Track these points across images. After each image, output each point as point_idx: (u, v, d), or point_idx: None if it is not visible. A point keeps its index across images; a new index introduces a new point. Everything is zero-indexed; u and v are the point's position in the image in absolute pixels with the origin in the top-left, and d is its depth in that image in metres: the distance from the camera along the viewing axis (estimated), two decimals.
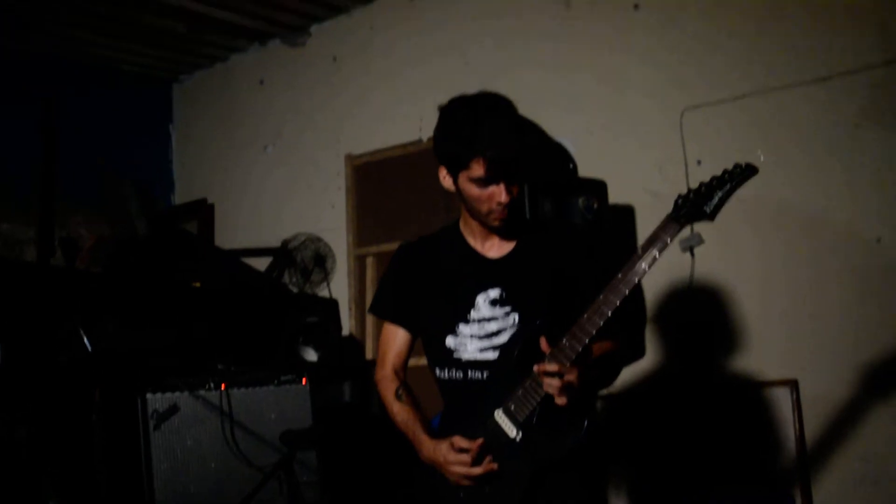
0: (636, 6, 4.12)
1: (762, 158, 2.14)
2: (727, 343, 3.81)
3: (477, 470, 2.28)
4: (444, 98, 4.64)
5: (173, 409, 3.05)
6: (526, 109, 3.78)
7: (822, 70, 3.66)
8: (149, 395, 3.03)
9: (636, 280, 2.16)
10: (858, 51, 3.60)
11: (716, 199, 2.12)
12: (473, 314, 2.39)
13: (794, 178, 3.69)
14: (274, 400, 3.27)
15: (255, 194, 5.41)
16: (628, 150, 4.08)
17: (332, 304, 4.38)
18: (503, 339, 2.36)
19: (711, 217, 2.13)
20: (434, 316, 2.46)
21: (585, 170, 3.80)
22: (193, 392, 3.10)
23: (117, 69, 5.58)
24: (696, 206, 2.13)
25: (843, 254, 3.60)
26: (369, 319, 4.73)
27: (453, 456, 2.29)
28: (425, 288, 2.48)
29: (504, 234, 2.43)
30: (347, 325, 4.73)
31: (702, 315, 3.88)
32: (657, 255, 2.14)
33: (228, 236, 5.35)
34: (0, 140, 4.94)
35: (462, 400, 2.41)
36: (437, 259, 2.50)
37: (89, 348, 2.74)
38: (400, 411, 2.48)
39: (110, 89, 5.56)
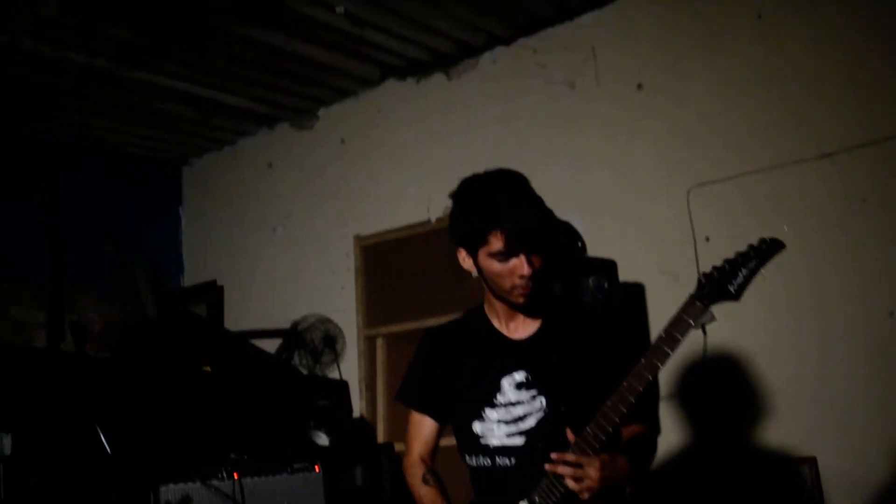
0: (640, 86, 4.18)
1: (787, 231, 2.05)
2: (746, 420, 3.77)
3: None
4: (451, 179, 4.69)
5: (186, 500, 3.01)
6: (534, 187, 3.85)
7: (827, 146, 3.69)
8: (161, 487, 2.99)
9: (660, 365, 2.12)
10: (862, 125, 3.63)
11: (740, 278, 2.05)
12: (500, 398, 2.35)
13: (805, 254, 3.68)
14: (287, 487, 3.23)
15: (265, 276, 5.42)
16: (637, 228, 4.09)
17: (343, 386, 4.36)
18: (530, 423, 2.32)
19: (737, 297, 2.06)
20: (461, 402, 2.43)
21: (595, 250, 3.81)
22: (206, 482, 3.07)
23: (126, 152, 5.65)
24: (720, 285, 2.06)
25: (858, 329, 3.58)
26: (380, 401, 4.70)
27: None
28: (451, 373, 2.46)
29: (529, 313, 2.40)
30: (358, 407, 4.70)
31: (717, 392, 3.84)
32: (680, 339, 2.09)
33: (238, 318, 5.35)
34: (10, 223, 4.98)
35: (490, 488, 2.37)
36: (463, 343, 2.48)
37: (108, 450, 2.71)
38: (427, 494, 2.45)
39: (119, 172, 5.62)
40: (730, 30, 3.99)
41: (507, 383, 2.35)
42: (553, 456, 2.18)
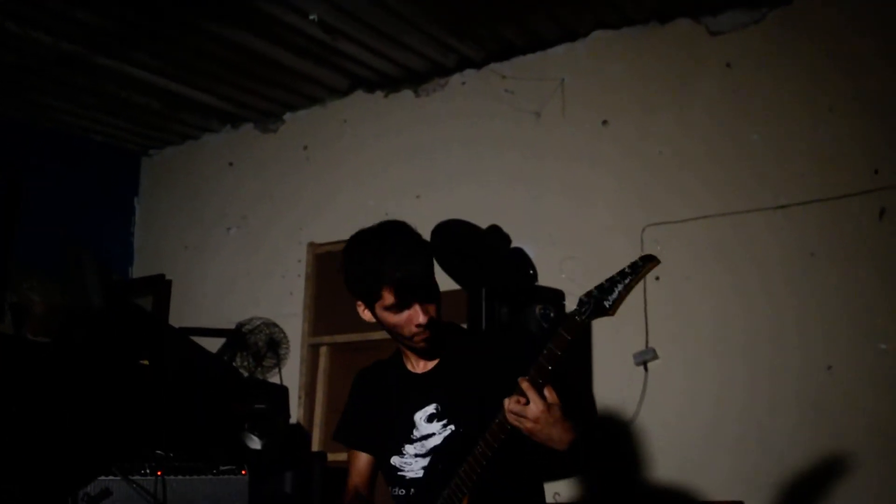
0: (605, 122, 4.22)
1: (659, 249, 2.13)
2: (677, 459, 3.80)
3: None
4: (411, 196, 4.73)
5: (105, 493, 2.96)
6: (490, 215, 3.86)
7: (782, 198, 3.76)
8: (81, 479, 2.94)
9: (541, 381, 2.15)
10: (817, 182, 3.71)
11: (615, 294, 2.12)
12: (415, 433, 2.44)
13: (749, 301, 3.74)
14: (211, 490, 3.18)
15: (215, 274, 5.37)
16: (589, 261, 4.12)
17: (283, 391, 4.30)
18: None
19: (611, 312, 2.13)
20: (381, 438, 2.52)
21: (545, 279, 3.82)
22: (128, 477, 3.01)
23: (87, 138, 5.58)
24: (598, 302, 2.13)
25: (796, 379, 3.63)
26: (319, 410, 4.67)
27: None
28: (374, 412, 2.55)
29: (431, 355, 2.47)
30: (296, 414, 4.66)
31: (653, 430, 3.87)
32: (559, 354, 2.14)
33: (183, 315, 5.28)
34: None
35: None
36: (384, 383, 2.57)
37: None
38: None
39: (77, 157, 5.54)
40: (698, 76, 4.05)
41: (419, 418, 2.45)
42: (519, 379, 2.18)
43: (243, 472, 3.26)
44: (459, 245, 3.70)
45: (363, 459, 2.60)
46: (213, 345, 4.64)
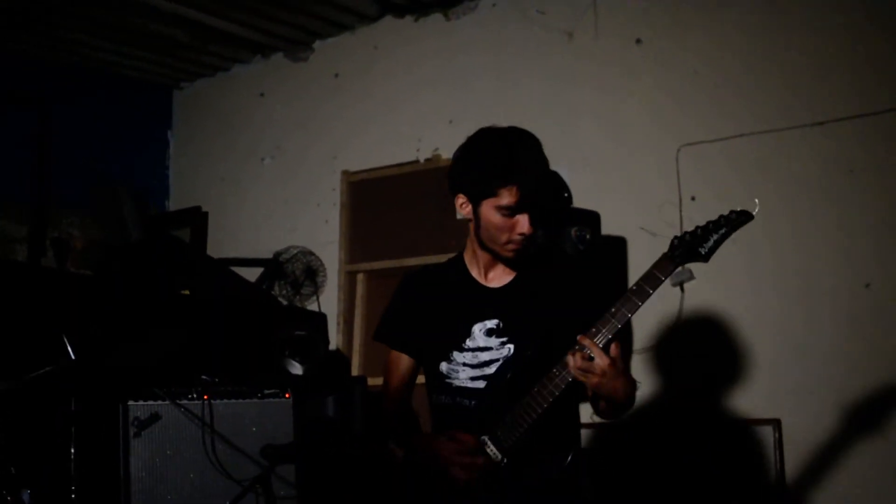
0: (638, 40, 4.16)
1: (758, 205, 2.20)
2: (714, 379, 3.83)
3: (479, 459, 2.30)
4: (442, 122, 4.71)
5: (154, 417, 3.04)
6: None
7: (820, 114, 3.70)
8: (130, 403, 3.02)
9: (628, 315, 2.19)
10: (855, 97, 3.64)
11: (711, 242, 2.19)
12: (468, 343, 2.42)
13: (788, 219, 3.71)
14: (256, 413, 3.26)
15: (250, 205, 5.41)
16: (623, 183, 4.10)
17: (321, 319, 4.38)
18: (494, 369, 2.39)
19: (706, 259, 2.20)
20: (431, 342, 2.50)
21: (580, 201, 3.82)
22: (175, 401, 3.09)
23: (118, 73, 5.58)
24: (691, 247, 2.19)
25: (834, 296, 3.62)
26: (357, 336, 4.73)
27: (452, 445, 2.34)
28: (426, 315, 2.52)
29: (511, 265, 2.45)
30: (335, 340, 4.73)
31: (689, 350, 3.89)
32: (650, 292, 2.19)
33: (221, 246, 5.34)
34: None
35: (450, 425, 2.42)
36: (439, 288, 2.54)
37: (72, 356, 2.73)
38: (399, 425, 2.58)
39: (109, 93, 5.55)
40: None
41: (477, 329, 2.42)
42: (579, 337, 2.20)
43: (287, 396, 3.33)
44: None
45: (405, 363, 2.58)
46: (251, 274, 4.71)
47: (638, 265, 3.94)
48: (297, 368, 3.77)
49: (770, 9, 3.87)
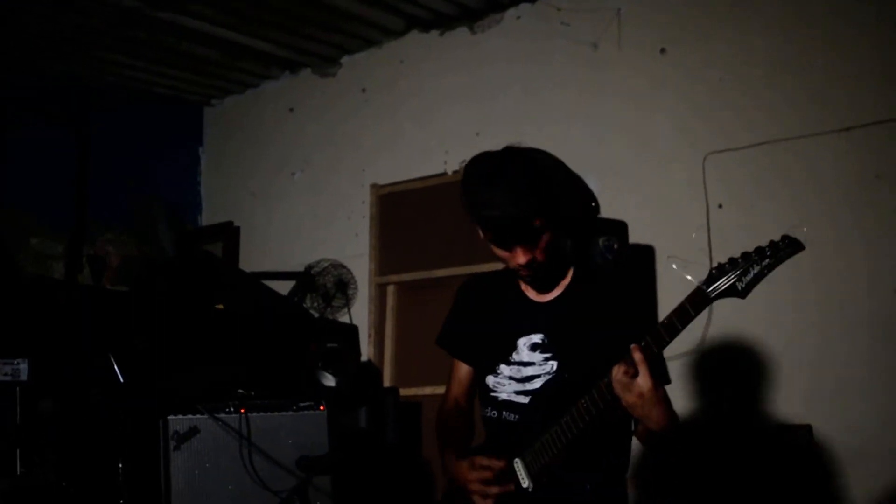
0: (663, 50, 4.18)
1: (806, 232, 2.02)
2: (745, 385, 3.83)
3: (494, 489, 2.31)
4: (469, 134, 4.75)
5: (193, 430, 3.10)
6: (551, 148, 3.87)
7: (846, 120, 3.70)
8: (170, 417, 3.08)
9: (656, 351, 2.09)
10: (881, 103, 3.64)
11: (751, 276, 1.99)
12: (514, 356, 2.41)
13: (815, 226, 3.71)
14: (292, 425, 3.31)
15: (281, 219, 5.49)
16: (651, 192, 4.12)
17: (353, 330, 4.43)
18: (537, 384, 2.37)
19: (743, 295, 2.00)
20: (479, 354, 2.51)
21: (607, 211, 3.84)
22: (214, 415, 3.15)
23: (150, 92, 5.69)
24: (729, 280, 2.00)
25: (861, 303, 3.62)
26: (388, 347, 4.78)
27: (474, 473, 2.34)
28: (478, 325, 2.52)
29: (540, 289, 2.42)
30: (366, 352, 4.78)
31: (721, 355, 3.89)
32: (680, 328, 2.05)
33: (252, 260, 5.43)
34: (37, 157, 5.05)
35: (496, 438, 2.44)
36: (492, 298, 2.52)
37: (121, 379, 2.80)
38: (441, 436, 2.57)
39: (143, 111, 5.67)
40: None
41: (522, 343, 2.40)
42: (633, 346, 2.09)
43: (322, 408, 3.38)
44: None
45: (464, 370, 2.58)
46: (282, 287, 4.77)
47: (666, 274, 3.96)
48: (330, 381, 3.82)
49: (793, 17, 3.88)
